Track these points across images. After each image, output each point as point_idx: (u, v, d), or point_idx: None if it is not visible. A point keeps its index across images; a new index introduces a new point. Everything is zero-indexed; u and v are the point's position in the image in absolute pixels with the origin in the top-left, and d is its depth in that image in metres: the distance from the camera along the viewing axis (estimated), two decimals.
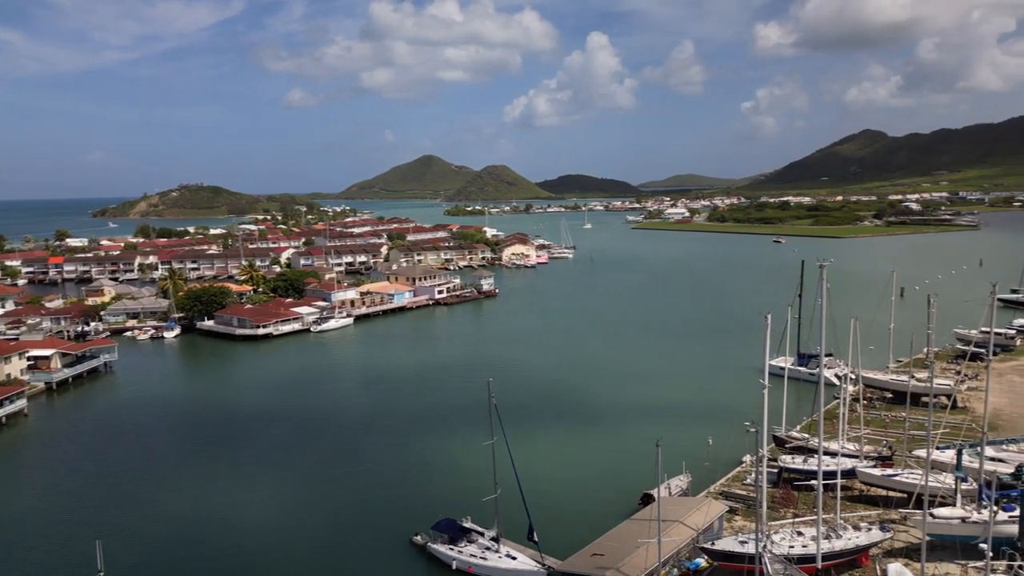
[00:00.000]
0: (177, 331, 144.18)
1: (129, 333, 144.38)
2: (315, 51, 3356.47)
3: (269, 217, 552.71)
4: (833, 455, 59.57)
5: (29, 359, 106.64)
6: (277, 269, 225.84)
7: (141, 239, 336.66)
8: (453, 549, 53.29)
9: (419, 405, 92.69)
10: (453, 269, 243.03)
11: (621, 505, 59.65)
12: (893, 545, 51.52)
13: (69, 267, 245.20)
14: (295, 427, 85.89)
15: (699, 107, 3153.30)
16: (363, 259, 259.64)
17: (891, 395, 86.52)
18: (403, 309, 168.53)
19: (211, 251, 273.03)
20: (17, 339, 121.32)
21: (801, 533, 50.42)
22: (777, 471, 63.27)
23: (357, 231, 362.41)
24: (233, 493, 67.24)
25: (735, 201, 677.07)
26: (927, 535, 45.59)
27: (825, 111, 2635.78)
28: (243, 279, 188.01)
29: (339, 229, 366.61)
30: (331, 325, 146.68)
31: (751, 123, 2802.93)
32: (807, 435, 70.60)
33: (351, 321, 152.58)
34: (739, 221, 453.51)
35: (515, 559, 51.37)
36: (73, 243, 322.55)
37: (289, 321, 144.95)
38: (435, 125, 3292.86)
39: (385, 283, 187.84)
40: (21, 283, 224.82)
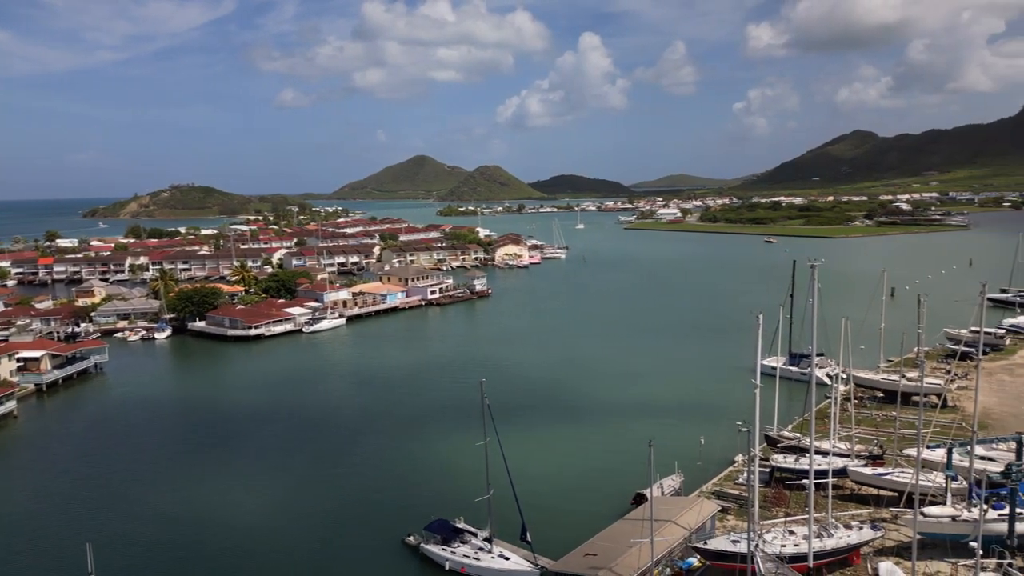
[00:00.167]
0: (168, 332, 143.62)
1: (120, 334, 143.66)
2: (307, 51, 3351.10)
3: (261, 217, 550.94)
4: (824, 454, 59.84)
5: (19, 361, 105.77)
6: (269, 270, 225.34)
7: (132, 240, 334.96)
8: (446, 550, 53.27)
9: (412, 406, 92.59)
10: (446, 269, 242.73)
11: (614, 505, 59.76)
12: (884, 544, 51.84)
13: (59, 268, 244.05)
14: (287, 428, 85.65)
15: (691, 107, 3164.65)
16: (355, 259, 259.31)
17: (882, 394, 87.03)
18: (396, 310, 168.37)
19: (202, 252, 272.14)
20: (7, 340, 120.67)
21: (793, 532, 50.70)
22: (769, 470, 63.63)
23: (349, 231, 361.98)
24: (225, 494, 67.00)
25: (727, 201, 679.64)
26: (918, 533, 45.80)
27: (816, 112, 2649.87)
28: (235, 280, 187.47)
29: (331, 229, 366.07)
30: (323, 326, 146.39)
31: (743, 123, 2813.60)
32: (799, 434, 71.05)
33: (343, 322, 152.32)
34: (731, 221, 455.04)
35: (508, 559, 51.40)
36: (63, 244, 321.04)
37: (281, 322, 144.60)
38: (427, 125, 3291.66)
39: (377, 284, 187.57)
40: (10, 284, 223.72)
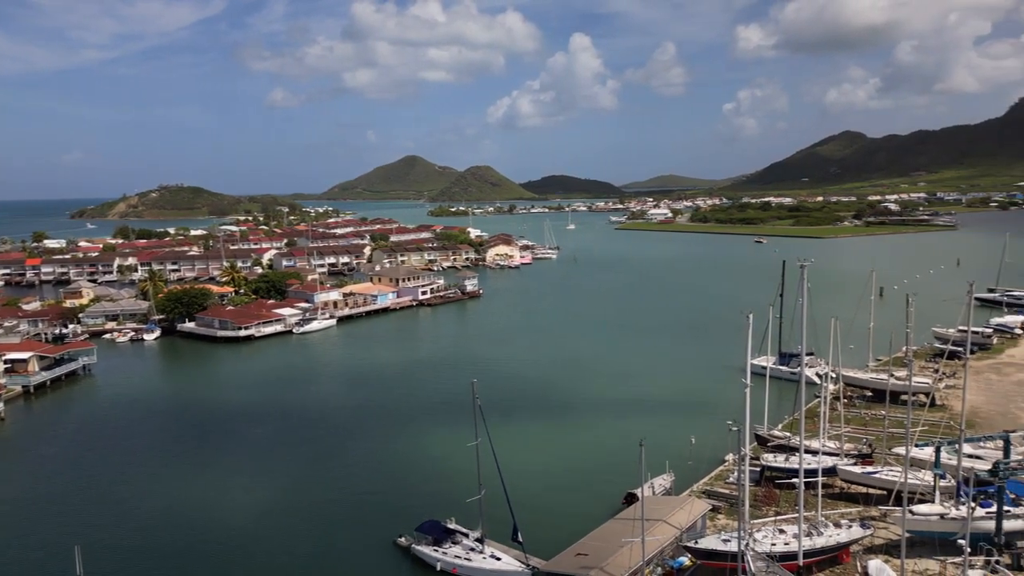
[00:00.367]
0: (157, 333, 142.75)
1: (108, 335, 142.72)
2: (297, 51, 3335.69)
3: (251, 218, 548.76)
4: (814, 453, 60.08)
5: (6, 362, 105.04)
6: (259, 270, 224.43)
7: (120, 240, 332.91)
8: (438, 550, 53.20)
9: (403, 406, 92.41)
10: (437, 270, 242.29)
11: (605, 505, 59.85)
12: (873, 542, 52.15)
13: (47, 269, 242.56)
14: (278, 429, 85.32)
15: (681, 108, 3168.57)
16: (346, 260, 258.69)
17: (871, 393, 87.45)
18: (386, 310, 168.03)
19: (192, 252, 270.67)
20: None
21: (783, 531, 50.90)
22: (759, 469, 63.87)
23: (340, 232, 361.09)
24: (215, 496, 66.67)
25: (717, 202, 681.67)
26: (906, 531, 46.09)
27: (805, 112, 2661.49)
28: (224, 280, 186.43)
29: (322, 230, 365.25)
30: (314, 326, 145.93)
31: (733, 124, 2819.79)
32: (789, 433, 71.36)
33: (334, 322, 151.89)
34: (721, 222, 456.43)
35: (500, 560, 51.40)
36: (51, 244, 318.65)
37: (271, 323, 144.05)
38: (418, 126, 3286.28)
39: (368, 284, 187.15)
40: None
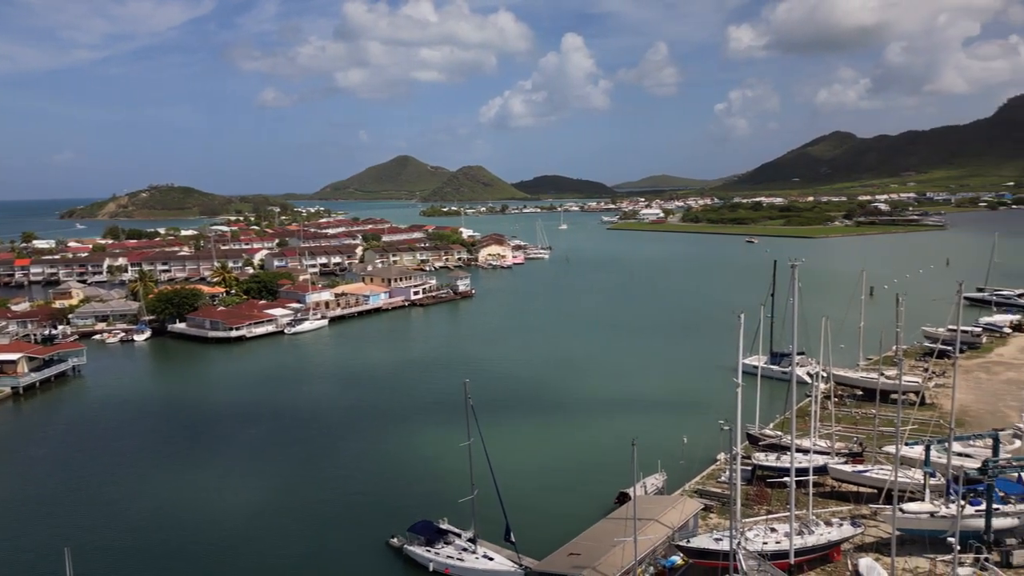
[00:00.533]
0: (148, 334, 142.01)
1: (98, 336, 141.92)
2: (288, 51, 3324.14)
3: (242, 218, 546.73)
4: (805, 452, 60.35)
5: None
6: (250, 271, 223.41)
7: (110, 240, 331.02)
8: (430, 551, 53.13)
9: (395, 406, 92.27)
10: (429, 270, 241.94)
11: (597, 504, 59.88)
12: (864, 540, 52.39)
13: (36, 269, 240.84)
14: (269, 430, 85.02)
15: (673, 108, 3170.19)
16: (338, 260, 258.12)
17: (861, 392, 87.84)
18: (378, 310, 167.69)
19: (182, 252, 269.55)
20: None
21: (775, 529, 51.05)
22: (751, 469, 64.02)
23: (332, 232, 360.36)
24: (206, 497, 66.38)
25: (708, 202, 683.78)
26: (897, 530, 46.32)
27: (796, 113, 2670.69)
28: (215, 281, 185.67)
29: (313, 230, 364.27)
30: (305, 327, 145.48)
31: (724, 124, 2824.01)
32: (780, 433, 71.53)
33: (326, 323, 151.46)
34: (712, 222, 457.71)
35: (492, 560, 51.37)
36: (40, 245, 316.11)
37: (263, 323, 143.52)
38: (410, 126, 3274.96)
39: (360, 284, 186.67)
40: None
